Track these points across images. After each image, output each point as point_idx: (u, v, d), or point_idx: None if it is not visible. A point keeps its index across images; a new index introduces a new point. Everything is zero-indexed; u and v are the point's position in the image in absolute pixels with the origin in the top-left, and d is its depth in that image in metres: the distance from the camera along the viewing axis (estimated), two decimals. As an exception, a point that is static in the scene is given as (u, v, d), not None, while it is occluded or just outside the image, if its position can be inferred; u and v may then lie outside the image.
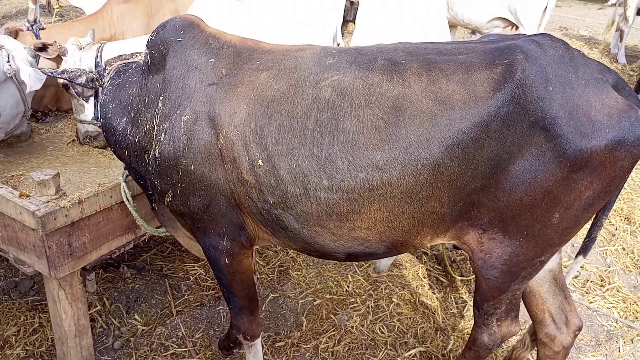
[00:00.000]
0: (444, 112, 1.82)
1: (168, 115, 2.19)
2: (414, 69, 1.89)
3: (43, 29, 3.81)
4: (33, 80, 3.07)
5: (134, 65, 2.45)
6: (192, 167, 2.16)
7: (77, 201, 2.36)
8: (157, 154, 2.24)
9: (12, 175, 3.19)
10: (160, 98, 2.23)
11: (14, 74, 3.04)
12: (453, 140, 1.81)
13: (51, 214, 2.26)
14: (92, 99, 3.38)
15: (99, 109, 2.50)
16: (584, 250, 2.24)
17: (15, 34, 3.70)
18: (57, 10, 5.53)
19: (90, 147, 3.59)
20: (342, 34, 8.48)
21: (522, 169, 1.83)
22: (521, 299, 2.36)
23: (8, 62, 3.02)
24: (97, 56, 3.34)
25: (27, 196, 2.31)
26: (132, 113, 2.34)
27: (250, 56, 2.16)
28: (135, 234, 2.76)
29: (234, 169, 2.10)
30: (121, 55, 2.62)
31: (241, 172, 2.09)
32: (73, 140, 3.67)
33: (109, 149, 3.58)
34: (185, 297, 3.45)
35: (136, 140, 2.33)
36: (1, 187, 2.40)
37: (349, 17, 9.53)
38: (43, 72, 2.48)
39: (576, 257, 2.30)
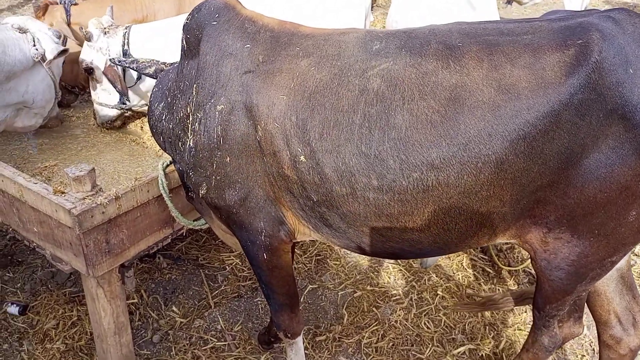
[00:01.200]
0: (509, 102, 1.63)
1: (202, 104, 2.09)
2: (473, 53, 1.70)
3: (75, 4, 3.72)
4: (52, 54, 2.98)
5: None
6: (228, 158, 2.05)
7: (114, 197, 2.28)
8: (191, 144, 2.15)
9: (46, 166, 3.16)
10: (195, 85, 2.12)
11: (42, 57, 2.95)
12: (519, 134, 1.63)
13: (88, 212, 2.18)
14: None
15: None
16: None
17: (44, 7, 3.62)
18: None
19: (124, 135, 3.54)
20: (372, 7, 8.19)
21: (597, 163, 1.64)
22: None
23: (34, 45, 2.92)
24: (124, 43, 3.26)
25: (63, 193, 2.24)
26: (168, 99, 2.27)
27: (289, 41, 2.01)
28: (173, 228, 2.68)
29: (273, 163, 1.98)
30: None
31: (282, 166, 1.96)
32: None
33: (141, 133, 3.55)
34: (222, 287, 3.39)
35: (170, 127, 2.26)
36: (36, 183, 2.33)
37: (378, -11, 9.20)
38: (112, 62, 2.41)
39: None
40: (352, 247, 2.09)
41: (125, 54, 3.24)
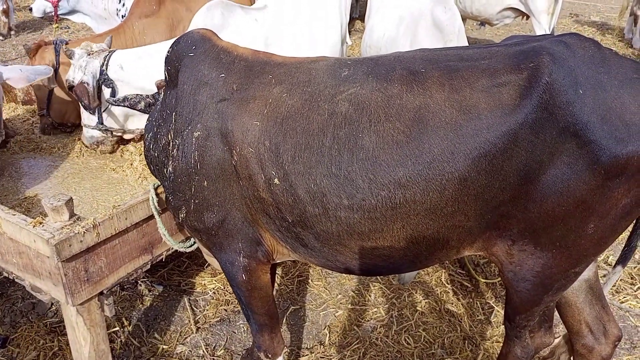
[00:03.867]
0: (469, 121, 1.73)
1: (180, 130, 2.17)
2: (435, 77, 1.80)
3: (67, 43, 3.78)
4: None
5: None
6: (205, 183, 2.13)
7: (92, 226, 2.30)
8: (170, 169, 2.22)
9: (26, 197, 3.17)
10: (174, 113, 2.21)
11: None
12: (480, 152, 1.72)
13: (66, 241, 2.20)
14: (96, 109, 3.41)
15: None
16: (623, 259, 2.13)
17: (36, 48, 3.68)
18: (56, 27, 5.51)
19: (105, 162, 3.57)
20: (350, 32, 8.38)
21: (554, 178, 1.73)
22: (556, 309, 2.26)
23: None
24: (103, 64, 3.31)
25: (40, 223, 2.26)
26: (155, 128, 2.35)
27: (262, 70, 2.09)
28: (152, 254, 2.70)
29: (249, 186, 2.04)
30: None
31: (257, 189, 2.03)
32: (81, 152, 3.65)
33: (121, 161, 3.59)
34: (205, 312, 3.39)
35: (156, 154, 2.34)
36: (14, 215, 2.35)
37: (355, 14, 9.42)
38: (107, 101, 2.43)
39: (615, 267, 2.19)
40: (329, 265, 2.15)
41: (101, 73, 3.29)
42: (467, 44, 3.69)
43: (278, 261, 2.39)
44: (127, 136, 3.65)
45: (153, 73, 3.18)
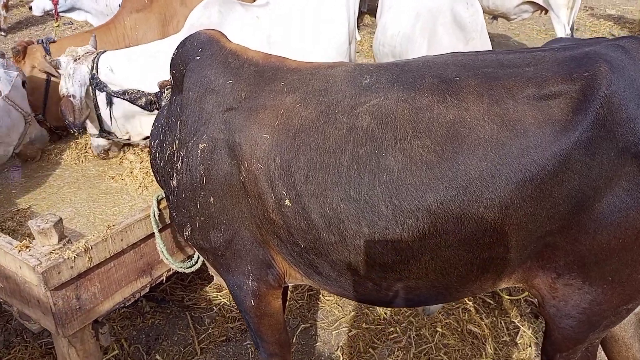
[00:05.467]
0: (513, 139, 1.48)
1: (185, 141, 1.98)
2: (472, 87, 1.56)
3: (54, 42, 3.58)
4: (3, 84, 2.81)
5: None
6: (212, 199, 1.93)
7: (83, 250, 2.09)
8: (175, 183, 2.04)
9: (18, 210, 2.97)
10: (178, 122, 2.02)
11: None
12: (525, 175, 1.48)
13: (54, 268, 1.99)
14: (94, 118, 3.23)
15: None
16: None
17: (23, 50, 3.48)
18: (57, 25, 5.32)
19: (104, 170, 3.37)
20: (358, 27, 8.10)
21: (611, 207, 1.49)
22: (600, 345, 2.02)
23: None
24: (92, 67, 3.13)
25: (27, 247, 2.05)
26: (161, 135, 2.17)
27: (274, 76, 1.86)
28: (151, 276, 2.49)
29: (259, 205, 1.83)
30: None
31: (267, 210, 1.81)
32: (79, 158, 3.47)
33: (120, 169, 3.39)
34: (210, 331, 3.18)
35: (162, 164, 2.17)
36: (-1, 236, 2.14)
37: (364, 8, 9.15)
38: (108, 94, 2.25)
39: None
40: (347, 295, 1.93)
41: (93, 77, 3.11)
42: (490, 44, 3.43)
43: (290, 285, 2.17)
44: (133, 140, 3.45)
45: (144, 76, 3.00)
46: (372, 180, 1.57)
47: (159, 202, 2.39)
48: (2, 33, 8.51)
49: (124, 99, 2.39)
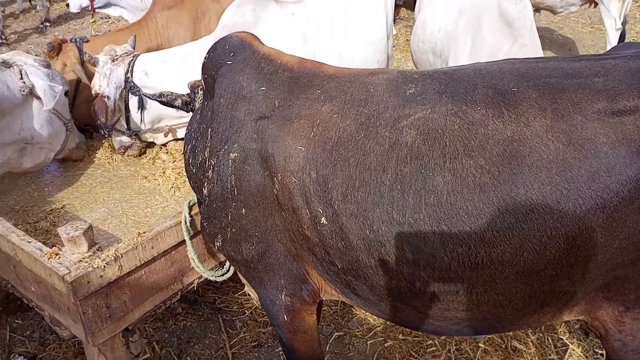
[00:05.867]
0: (582, 160, 1.31)
1: (216, 150, 1.90)
2: (533, 99, 1.39)
3: (87, 41, 3.57)
4: (47, 98, 2.80)
5: None
6: (243, 210, 1.84)
7: (113, 258, 2.03)
8: (206, 192, 1.96)
9: (52, 210, 2.96)
10: (210, 129, 1.95)
11: (30, 90, 2.77)
12: (596, 202, 1.31)
13: (83, 277, 1.94)
14: (122, 117, 3.20)
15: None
16: None
17: (58, 47, 3.48)
18: (93, 21, 5.33)
19: (136, 170, 3.34)
20: (394, 20, 7.87)
21: None
22: None
23: (21, 78, 2.75)
24: (128, 70, 3.12)
25: (57, 255, 2.01)
26: (193, 141, 2.11)
27: (310, 83, 1.74)
28: (183, 283, 2.43)
29: (293, 220, 1.72)
30: None
31: (301, 226, 1.70)
32: (112, 157, 3.45)
33: (153, 169, 3.35)
34: (241, 335, 3.12)
35: (194, 171, 2.11)
36: (29, 242, 2.11)
37: (399, 1, 8.88)
38: (145, 96, 2.25)
39: None
40: (386, 318, 1.81)
41: (127, 81, 3.11)
42: (539, 43, 3.20)
43: (325, 299, 2.07)
44: (158, 141, 3.41)
45: (178, 78, 2.94)
46: (417, 203, 1.42)
47: (190, 208, 2.31)
48: (47, 24, 8.69)
49: (160, 101, 2.34)
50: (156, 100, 2.39)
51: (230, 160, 1.83)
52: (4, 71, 2.72)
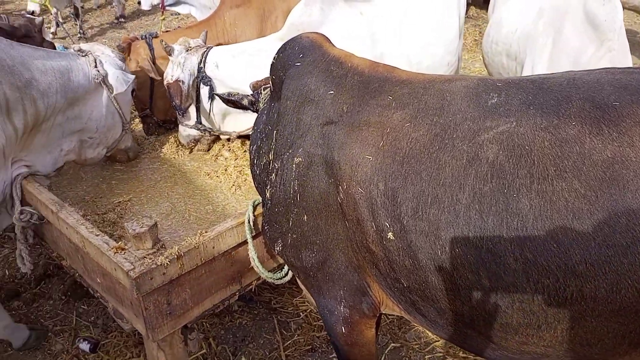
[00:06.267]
0: None
1: (280, 153, 1.86)
2: (638, 115, 1.24)
3: (156, 37, 3.66)
4: (119, 83, 2.93)
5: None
6: (305, 217, 1.79)
7: (175, 256, 2.04)
8: (268, 196, 1.94)
9: (119, 202, 3.05)
10: (275, 132, 1.92)
11: (102, 79, 2.89)
12: None
13: (147, 274, 1.96)
14: (192, 108, 3.27)
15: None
16: None
17: (128, 46, 3.59)
18: (163, 18, 5.49)
19: (200, 166, 3.40)
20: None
21: None
22: None
23: (95, 67, 2.88)
24: (200, 61, 3.21)
25: (122, 250, 2.04)
26: (258, 142, 2.10)
27: (381, 88, 1.66)
28: (241, 283, 2.42)
29: (357, 231, 1.65)
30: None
31: (366, 238, 1.62)
32: (177, 152, 3.53)
33: (215, 166, 3.39)
34: (295, 337, 3.09)
35: (258, 172, 2.10)
36: (97, 235, 2.16)
37: (469, -2, 8.56)
38: (216, 95, 2.34)
39: None
40: (454, 343, 1.70)
41: (199, 71, 3.20)
42: (628, 47, 2.93)
43: (386, 313, 1.99)
44: (223, 136, 3.44)
45: (246, 74, 2.96)
46: (498, 226, 1.30)
47: (254, 208, 2.30)
48: (122, 19, 9.09)
49: (228, 100, 2.35)
50: (223, 99, 2.40)
51: (294, 165, 1.79)
52: (80, 59, 2.83)
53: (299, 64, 1.81)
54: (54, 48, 4.08)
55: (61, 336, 3.11)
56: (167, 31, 4.02)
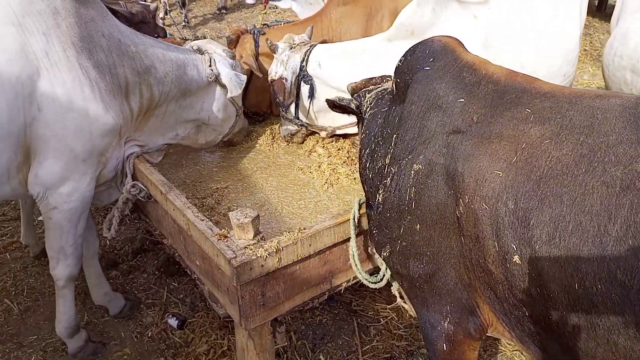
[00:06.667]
0: None
1: (398, 158, 1.80)
2: None
3: (263, 33, 3.72)
4: (233, 85, 2.99)
5: (387, 92, 2.13)
6: (418, 226, 1.73)
7: (274, 250, 2.05)
8: (380, 199, 1.89)
9: (217, 188, 3.13)
10: (395, 136, 1.86)
11: (215, 78, 2.97)
12: None
13: (247, 264, 1.98)
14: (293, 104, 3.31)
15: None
16: None
17: (236, 39, 3.68)
18: (264, 12, 5.59)
19: (294, 160, 3.42)
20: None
21: None
22: None
23: (210, 66, 2.96)
24: (303, 59, 3.21)
25: (225, 237, 2.08)
26: (372, 145, 2.06)
27: (518, 99, 1.55)
28: (331, 284, 2.39)
29: (474, 249, 1.56)
30: (371, 79, 2.38)
31: (485, 258, 1.53)
32: (272, 143, 3.58)
33: (309, 161, 3.40)
34: (374, 343, 3.04)
35: (370, 176, 2.06)
36: (202, 220, 2.22)
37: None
38: (325, 101, 2.37)
39: None
40: None
41: (301, 69, 3.20)
42: None
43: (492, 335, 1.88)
44: (322, 134, 3.44)
45: (347, 73, 2.93)
46: None
47: (360, 206, 2.28)
48: (224, 11, 9.40)
49: (335, 105, 2.33)
50: (330, 105, 2.38)
51: (412, 172, 1.73)
52: (196, 55, 2.95)
53: (428, 67, 1.74)
54: (166, 33, 4.28)
55: (152, 309, 3.26)
56: (274, 26, 4.07)
